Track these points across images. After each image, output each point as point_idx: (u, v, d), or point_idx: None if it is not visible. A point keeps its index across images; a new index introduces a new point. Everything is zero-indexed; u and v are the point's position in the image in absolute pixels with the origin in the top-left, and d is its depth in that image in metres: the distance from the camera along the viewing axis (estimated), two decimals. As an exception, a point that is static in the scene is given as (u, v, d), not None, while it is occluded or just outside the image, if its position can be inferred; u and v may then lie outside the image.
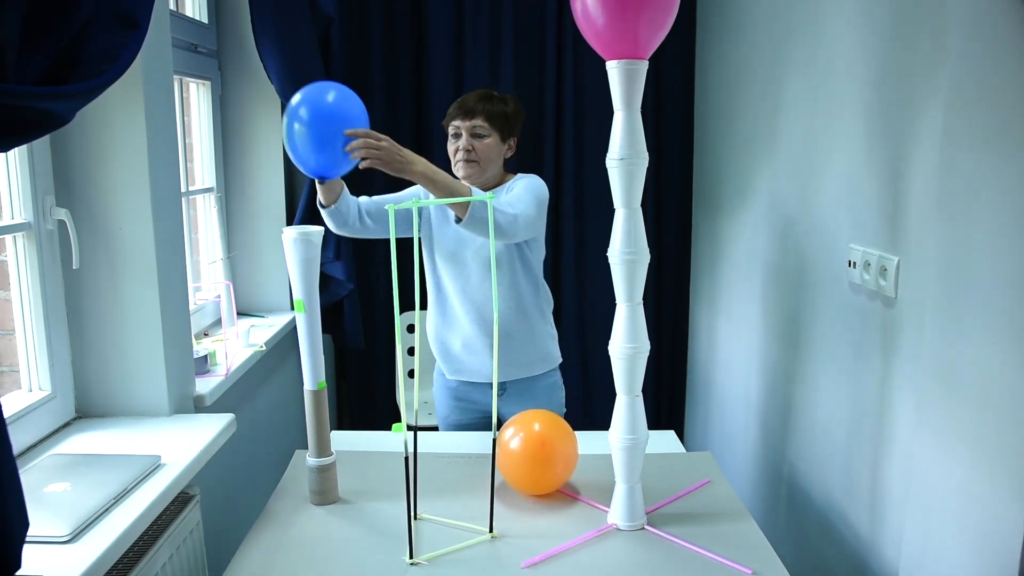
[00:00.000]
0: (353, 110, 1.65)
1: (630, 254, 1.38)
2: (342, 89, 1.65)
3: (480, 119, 1.92)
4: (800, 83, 2.07)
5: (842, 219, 1.82)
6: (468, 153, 1.92)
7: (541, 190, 1.93)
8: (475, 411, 2.10)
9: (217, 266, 2.52)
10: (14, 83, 0.99)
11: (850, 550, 1.78)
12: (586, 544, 1.40)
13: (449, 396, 2.11)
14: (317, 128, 1.60)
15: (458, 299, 1.99)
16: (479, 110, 1.93)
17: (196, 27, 2.34)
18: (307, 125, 1.59)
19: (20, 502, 0.96)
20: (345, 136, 1.61)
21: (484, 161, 1.94)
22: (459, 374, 2.06)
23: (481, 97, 1.95)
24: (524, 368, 2.02)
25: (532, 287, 2.02)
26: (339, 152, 1.62)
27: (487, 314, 1.97)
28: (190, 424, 1.65)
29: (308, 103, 1.61)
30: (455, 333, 2.02)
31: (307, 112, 1.59)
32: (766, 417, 2.33)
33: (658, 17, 1.29)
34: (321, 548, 1.38)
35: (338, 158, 1.64)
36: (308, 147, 1.61)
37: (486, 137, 1.93)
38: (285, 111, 1.62)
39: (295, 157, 1.64)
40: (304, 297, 1.47)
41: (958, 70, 1.24)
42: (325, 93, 1.63)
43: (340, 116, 1.62)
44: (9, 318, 1.58)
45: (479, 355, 2.01)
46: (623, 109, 1.35)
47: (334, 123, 1.61)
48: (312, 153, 1.62)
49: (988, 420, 1.18)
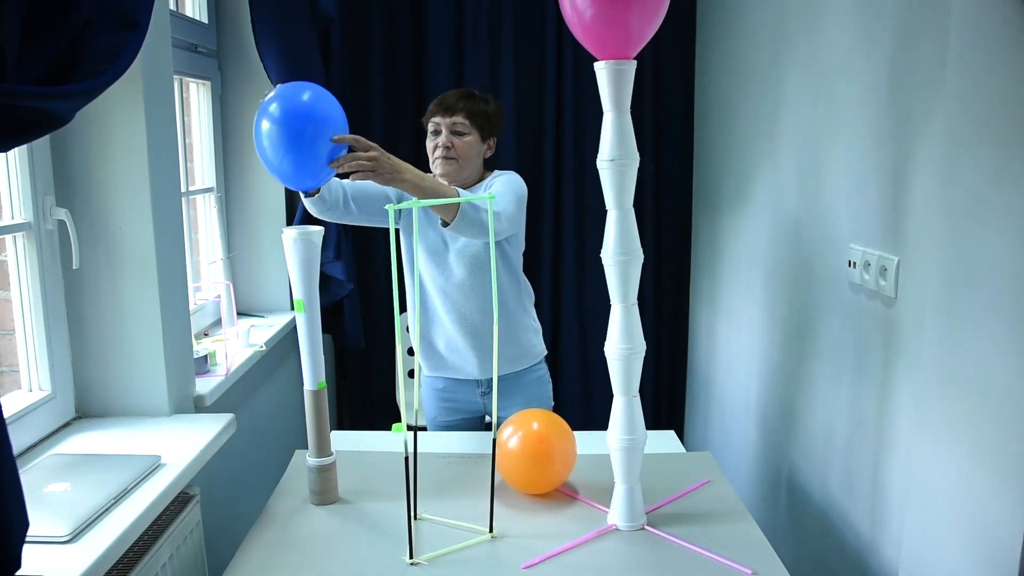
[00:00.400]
0: (332, 113, 1.52)
1: (623, 255, 1.38)
2: (316, 89, 1.53)
3: (460, 116, 1.91)
4: (800, 83, 2.07)
5: (842, 219, 1.82)
6: (447, 150, 1.91)
7: (520, 186, 1.94)
8: (460, 410, 2.10)
9: (217, 266, 2.52)
10: (14, 83, 0.99)
11: (850, 550, 1.78)
12: (586, 544, 1.40)
13: (435, 397, 2.10)
14: (293, 138, 1.46)
15: (439, 298, 1.98)
16: (460, 107, 1.91)
17: (196, 27, 2.34)
18: (282, 136, 1.46)
19: (20, 502, 0.96)
20: (332, 142, 1.52)
21: (463, 159, 1.92)
22: (440, 370, 2.06)
23: (462, 95, 1.94)
24: (509, 364, 2.02)
25: (514, 283, 2.02)
26: (321, 162, 1.51)
27: (467, 313, 1.97)
28: (190, 424, 1.65)
29: (282, 110, 1.46)
30: (437, 331, 2.02)
31: (281, 119, 1.46)
32: (766, 417, 2.33)
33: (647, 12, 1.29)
34: (321, 548, 1.38)
35: (320, 168, 1.53)
36: (286, 159, 1.48)
37: (466, 135, 1.92)
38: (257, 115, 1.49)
39: (270, 168, 1.51)
40: (304, 297, 1.47)
41: (959, 70, 1.24)
42: (299, 94, 1.50)
43: (318, 121, 1.50)
44: (9, 318, 1.58)
45: (460, 353, 2.01)
46: (612, 110, 1.35)
47: (312, 129, 1.49)
48: (293, 167, 1.50)
49: (988, 420, 1.18)
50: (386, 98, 2.94)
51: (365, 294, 2.96)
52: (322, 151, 1.52)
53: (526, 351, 2.06)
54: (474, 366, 2.02)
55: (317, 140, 1.50)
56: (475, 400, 2.08)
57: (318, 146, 1.51)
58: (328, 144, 1.52)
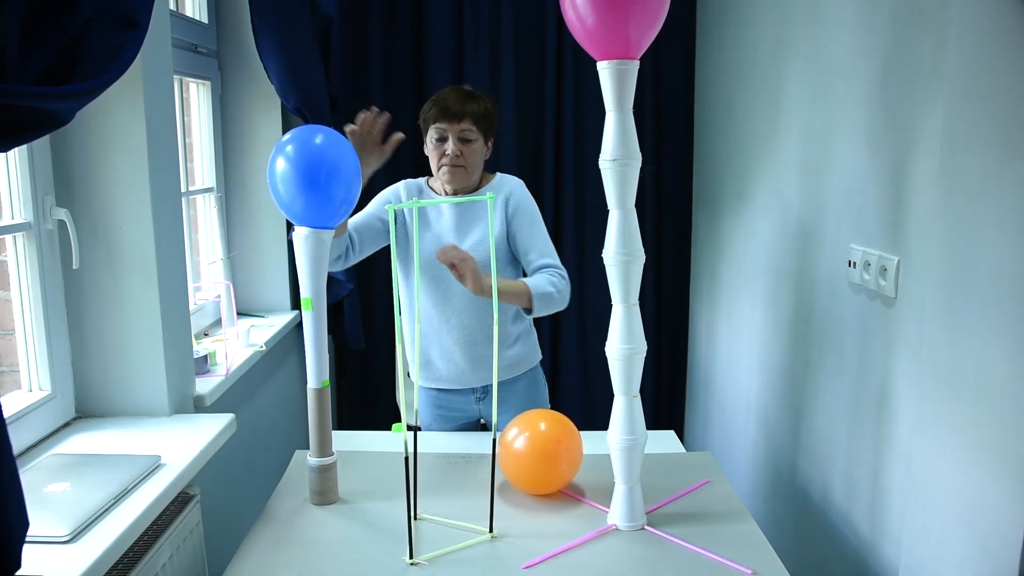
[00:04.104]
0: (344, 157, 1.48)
1: (625, 255, 1.38)
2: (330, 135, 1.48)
3: (467, 122, 1.86)
4: (800, 83, 2.07)
5: (842, 219, 1.82)
6: (457, 158, 1.87)
7: (536, 207, 1.97)
8: (455, 418, 2.07)
9: (217, 266, 2.52)
10: (14, 83, 0.99)
11: (850, 550, 1.78)
12: (586, 544, 1.40)
13: (429, 404, 2.08)
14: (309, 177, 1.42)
15: (437, 309, 1.95)
16: (467, 112, 1.86)
17: (196, 27, 2.34)
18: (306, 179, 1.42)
19: (20, 502, 0.96)
20: (437, 260, 1.66)
21: (471, 166, 1.89)
22: (435, 382, 2.03)
23: (463, 97, 1.88)
24: (505, 371, 2.00)
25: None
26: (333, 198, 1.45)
27: (467, 322, 1.94)
28: (190, 424, 1.65)
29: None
30: (432, 344, 1.99)
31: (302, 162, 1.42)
32: (766, 417, 2.33)
33: (647, 17, 1.29)
34: (321, 548, 1.38)
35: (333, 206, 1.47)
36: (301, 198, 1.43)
37: (473, 141, 1.88)
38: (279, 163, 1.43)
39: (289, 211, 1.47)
40: (312, 295, 1.48)
41: (959, 70, 1.24)
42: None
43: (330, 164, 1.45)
44: (9, 318, 1.58)
45: (456, 364, 1.98)
46: (615, 110, 1.35)
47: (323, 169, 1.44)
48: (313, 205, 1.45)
49: (988, 420, 1.18)
50: (386, 98, 2.94)
51: (365, 294, 2.96)
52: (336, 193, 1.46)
53: (524, 357, 2.04)
54: (469, 375, 1.99)
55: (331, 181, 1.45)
56: (470, 407, 2.06)
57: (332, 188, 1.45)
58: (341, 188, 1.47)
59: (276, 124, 2.55)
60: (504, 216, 1.93)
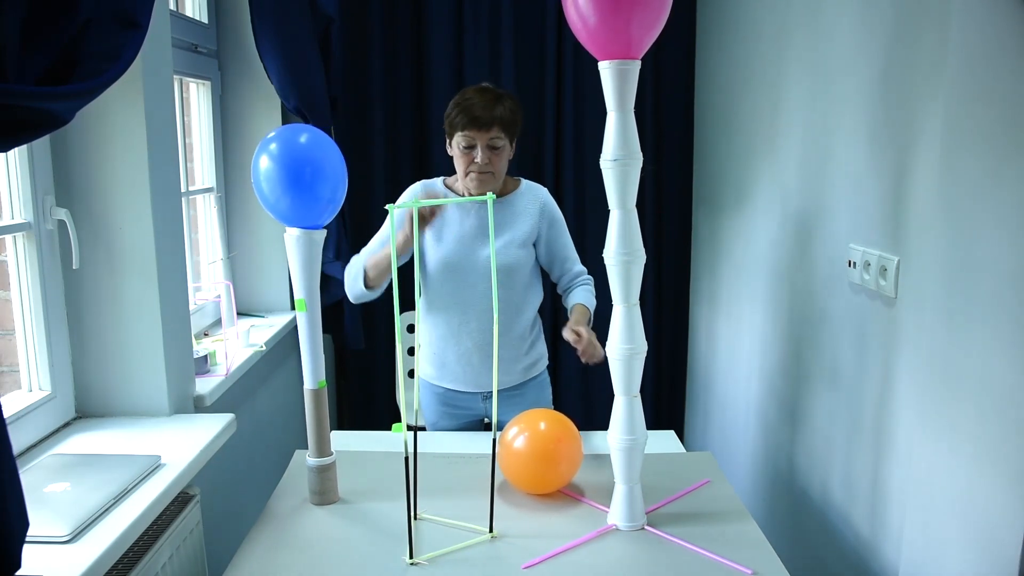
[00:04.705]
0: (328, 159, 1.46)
1: (625, 255, 1.38)
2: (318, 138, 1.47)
3: (496, 130, 1.83)
4: (800, 83, 2.07)
5: (842, 219, 1.82)
6: (486, 166, 1.85)
7: (561, 215, 2.04)
8: (461, 416, 2.08)
9: (217, 266, 2.52)
10: (14, 83, 0.99)
11: (850, 550, 1.78)
12: (586, 544, 1.40)
13: (436, 402, 2.08)
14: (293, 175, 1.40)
15: (458, 312, 1.95)
16: (495, 119, 1.83)
17: (196, 27, 2.34)
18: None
19: (20, 502, 0.96)
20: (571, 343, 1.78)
21: (499, 173, 1.89)
22: (449, 382, 2.03)
23: (490, 102, 1.84)
24: (518, 375, 2.03)
25: (537, 297, 2.04)
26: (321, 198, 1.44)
27: (488, 326, 1.93)
28: (190, 424, 1.65)
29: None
30: (449, 346, 1.99)
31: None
32: (766, 417, 2.33)
33: (650, 17, 1.29)
34: (321, 548, 1.38)
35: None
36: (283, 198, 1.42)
37: (501, 148, 1.87)
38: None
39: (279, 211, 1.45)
40: (306, 296, 1.47)
41: (959, 70, 1.24)
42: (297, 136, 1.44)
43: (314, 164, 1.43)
44: (9, 318, 1.58)
45: (474, 367, 1.99)
46: (616, 110, 1.35)
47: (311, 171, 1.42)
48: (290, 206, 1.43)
49: (988, 420, 1.18)
50: (386, 98, 2.94)
51: (365, 294, 2.96)
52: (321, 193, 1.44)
53: (536, 360, 2.07)
54: (484, 378, 2.00)
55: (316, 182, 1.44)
56: (477, 406, 2.07)
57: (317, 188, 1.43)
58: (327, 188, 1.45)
59: (276, 124, 2.55)
60: (537, 223, 1.98)
